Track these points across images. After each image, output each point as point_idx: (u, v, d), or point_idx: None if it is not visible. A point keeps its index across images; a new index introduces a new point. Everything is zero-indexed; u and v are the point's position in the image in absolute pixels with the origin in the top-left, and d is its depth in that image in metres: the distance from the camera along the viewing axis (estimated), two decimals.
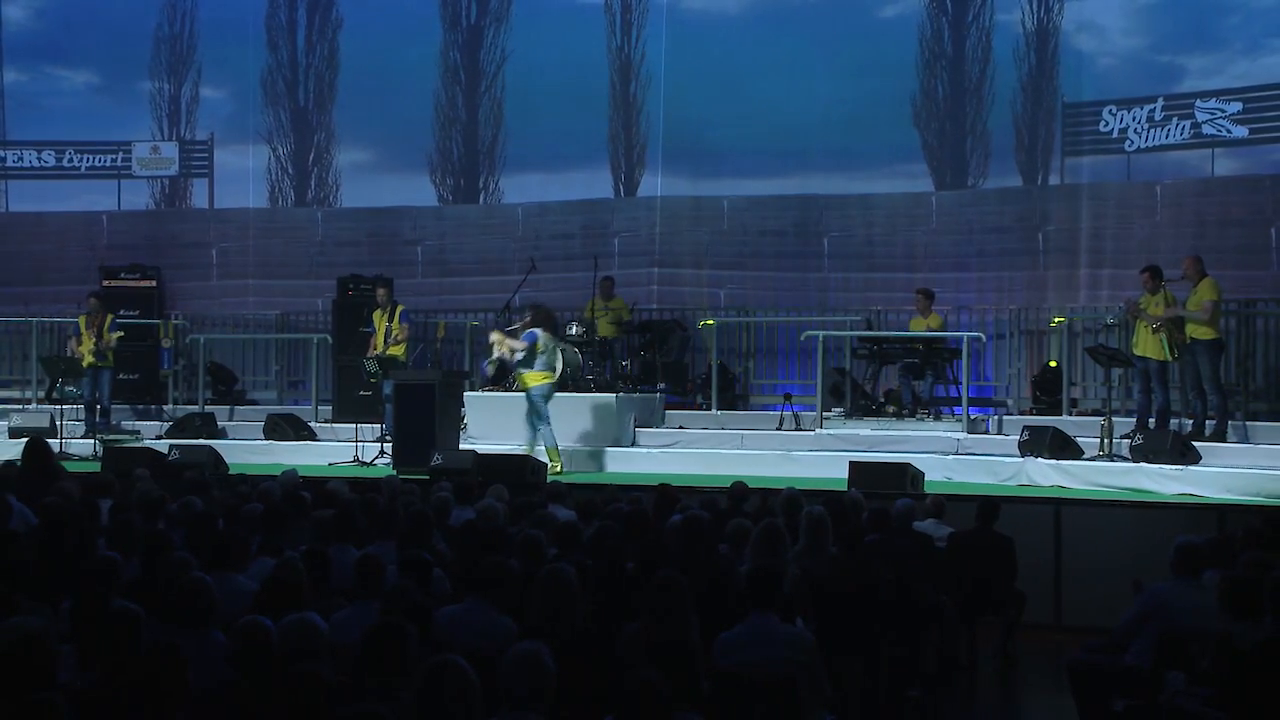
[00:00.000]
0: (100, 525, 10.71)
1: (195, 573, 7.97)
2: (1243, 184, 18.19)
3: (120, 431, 19.18)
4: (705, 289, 20.66)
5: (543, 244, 20.67)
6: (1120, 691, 9.11)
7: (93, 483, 13.36)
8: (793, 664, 7.66)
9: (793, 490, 12.52)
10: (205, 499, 11.76)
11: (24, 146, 23.00)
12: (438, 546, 10.15)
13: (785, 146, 20.28)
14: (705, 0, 21.16)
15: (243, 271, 22.38)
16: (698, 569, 9.03)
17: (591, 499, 12.63)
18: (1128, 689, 9.01)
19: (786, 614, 8.09)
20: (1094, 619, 11.71)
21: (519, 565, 8.72)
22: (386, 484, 13.67)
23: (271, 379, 21.73)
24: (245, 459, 17.24)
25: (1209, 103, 18.35)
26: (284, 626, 6.84)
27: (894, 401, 18.10)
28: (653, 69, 21.22)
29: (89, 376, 18.81)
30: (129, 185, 22.93)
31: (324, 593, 8.37)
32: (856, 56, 20.10)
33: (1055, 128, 19.39)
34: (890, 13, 20.24)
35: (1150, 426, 16.00)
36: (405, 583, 8.30)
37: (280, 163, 22.62)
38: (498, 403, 18.26)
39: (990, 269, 19.46)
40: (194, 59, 22.65)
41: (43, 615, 7.70)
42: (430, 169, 22.16)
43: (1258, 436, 16.27)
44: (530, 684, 5.97)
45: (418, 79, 22.03)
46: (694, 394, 19.68)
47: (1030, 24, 19.52)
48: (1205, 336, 15.79)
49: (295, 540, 10.00)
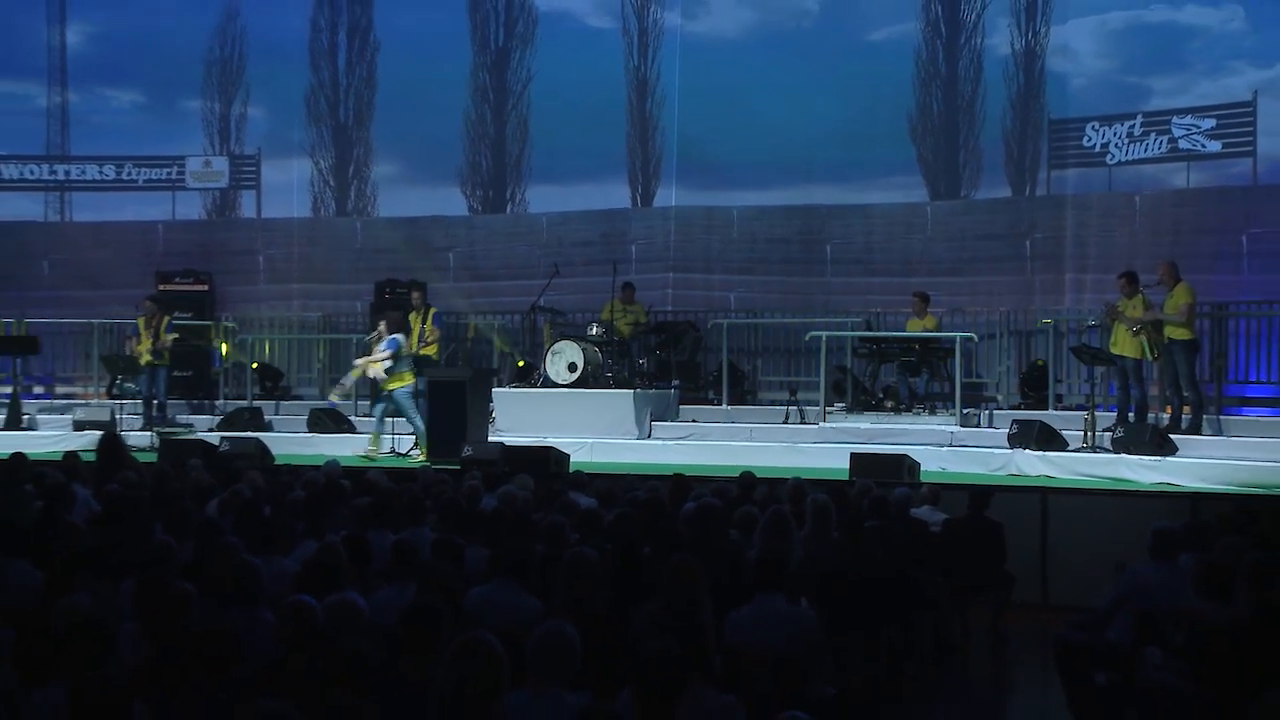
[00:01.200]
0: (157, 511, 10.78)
1: (243, 555, 8.03)
2: (1215, 195, 18.18)
3: (175, 425, 19.21)
4: (716, 292, 20.66)
5: (565, 250, 20.69)
6: (1102, 666, 9.14)
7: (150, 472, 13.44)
8: (797, 641, 7.69)
9: (798, 480, 12.57)
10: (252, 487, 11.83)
11: (85, 161, 23.06)
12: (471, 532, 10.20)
13: (790, 160, 20.28)
14: (715, 25, 21.17)
15: (288, 276, 22.41)
16: (709, 553, 9.07)
17: (611, 487, 12.64)
18: (1109, 664, 9.04)
19: (792, 595, 8.11)
20: (1078, 599, 11.73)
21: (544, 549, 8.77)
22: (421, 473, 13.73)
23: (314, 376, 21.72)
24: (290, 450, 17.24)
25: (1185, 119, 18.35)
26: (328, 606, 6.89)
27: (892, 397, 18.11)
28: (667, 88, 21.23)
29: (146, 374, 18.86)
30: (183, 197, 22.99)
31: (363, 574, 8.41)
32: (856, 76, 20.11)
33: (1042, 143, 19.38)
34: (888, 36, 20.24)
35: (1130, 420, 16.02)
36: (439, 564, 8.35)
37: (322, 175, 22.65)
38: (524, 399, 18.31)
39: (981, 274, 19.46)
40: (243, 80, 22.70)
41: (104, 595, 7.77)
42: (461, 181, 22.19)
43: (1229, 430, 16.27)
44: (555, 659, 6.00)
45: (449, 97, 22.05)
46: (706, 390, 19.70)
47: (1019, 46, 19.52)
48: (1182, 337, 15.81)
49: (336, 525, 10.02)
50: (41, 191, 23.13)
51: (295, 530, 9.74)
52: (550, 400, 18.04)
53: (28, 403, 20.07)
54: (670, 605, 7.50)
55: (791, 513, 10.50)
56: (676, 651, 6.02)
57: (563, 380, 18.08)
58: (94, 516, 10.64)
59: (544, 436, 16.65)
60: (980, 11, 19.74)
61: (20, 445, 16.12)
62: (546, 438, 16.54)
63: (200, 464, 14.11)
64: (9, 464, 13.80)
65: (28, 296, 21.89)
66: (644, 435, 17.73)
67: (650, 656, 5.92)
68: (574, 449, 16.07)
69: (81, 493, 11.66)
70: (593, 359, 18.15)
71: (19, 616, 7.23)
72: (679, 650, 6.10)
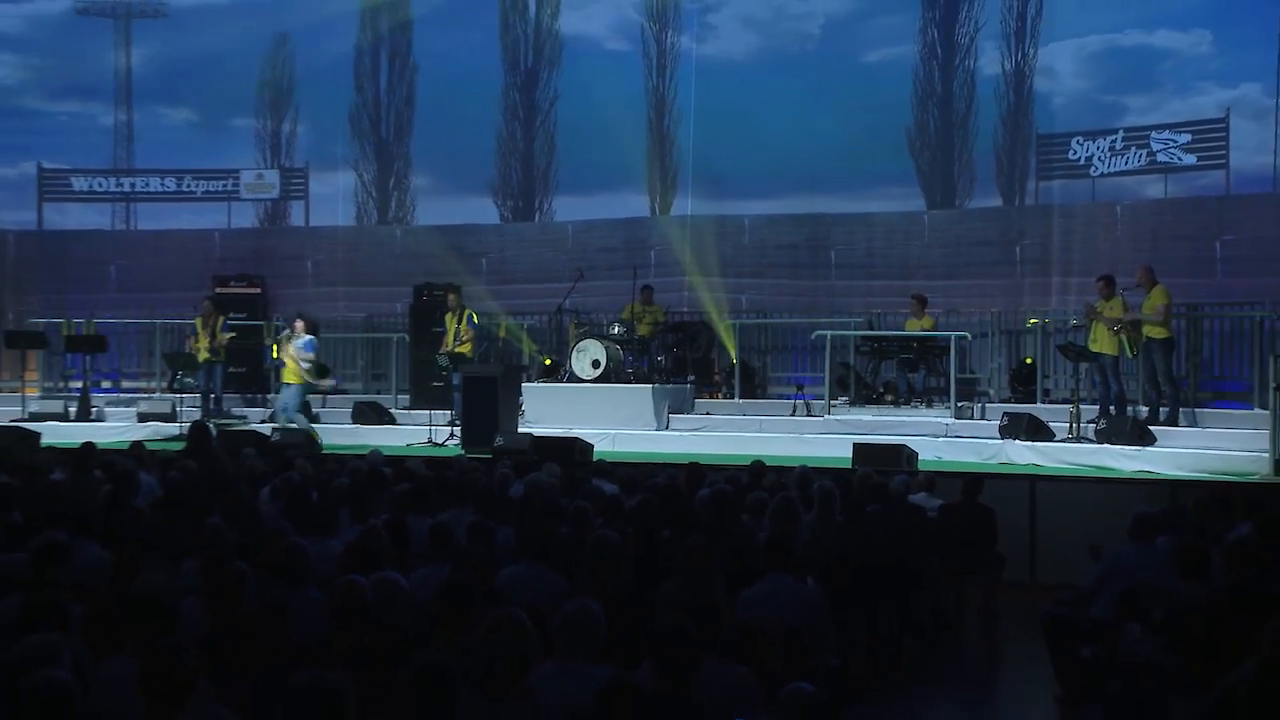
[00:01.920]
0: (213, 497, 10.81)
1: (293, 538, 8.05)
2: (1191, 204, 18.14)
3: (230, 417, 19.30)
4: (729, 295, 20.65)
5: (589, 256, 20.68)
6: (1087, 640, 9.14)
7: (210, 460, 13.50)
8: (804, 617, 7.70)
9: (804, 468, 12.56)
10: (301, 474, 11.85)
11: (148, 174, 23.14)
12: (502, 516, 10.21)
13: (797, 172, 20.30)
14: (726, 48, 21.20)
15: (333, 280, 22.45)
16: (723, 536, 9.07)
17: (632, 475, 12.65)
18: (1093, 638, 9.03)
19: (799, 574, 8.12)
20: (1064, 578, 11.68)
21: (570, 532, 8.78)
22: (456, 461, 13.75)
23: (358, 372, 21.78)
24: (336, 440, 17.29)
25: (1162, 134, 18.31)
26: (371, 584, 6.91)
27: (892, 391, 18.11)
28: (683, 107, 21.26)
29: (204, 370, 18.94)
30: (237, 207, 23.06)
31: (403, 556, 8.41)
32: (858, 95, 20.12)
33: (1030, 156, 19.37)
34: (886, 57, 20.23)
35: (1111, 413, 15.99)
36: (473, 546, 8.37)
37: (365, 187, 22.71)
38: (552, 393, 18.33)
39: (974, 277, 19.43)
40: (292, 99, 22.78)
41: (166, 575, 7.80)
42: (492, 191, 22.24)
43: (1204, 422, 16.24)
44: (580, 634, 6.02)
45: (482, 115, 22.10)
46: (719, 385, 19.71)
47: (1008, 67, 19.52)
48: (1159, 336, 15.80)
49: (378, 510, 10.03)
50: (108, 202, 23.23)
51: (340, 514, 9.78)
52: (575, 394, 18.05)
53: (96, 396, 20.16)
54: (687, 584, 7.53)
55: (799, 498, 10.50)
56: (691, 628, 6.04)
57: (587, 376, 18.10)
58: (156, 501, 10.69)
59: (570, 428, 16.65)
60: (973, 35, 19.74)
61: (89, 435, 16.19)
62: (572, 429, 16.54)
63: (253, 453, 14.16)
64: (80, 452, 13.88)
65: (96, 299, 21.98)
66: (662, 427, 17.73)
67: (667, 632, 5.95)
68: (597, 439, 16.07)
69: (146, 479, 11.72)
70: (614, 356, 18.17)
71: (89, 594, 7.27)
72: (694, 627, 6.13)
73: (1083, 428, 15.87)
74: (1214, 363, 17.67)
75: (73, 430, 18.03)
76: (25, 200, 23.13)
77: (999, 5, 19.52)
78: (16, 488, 11.03)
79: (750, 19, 21.18)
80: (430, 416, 18.06)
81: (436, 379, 18.88)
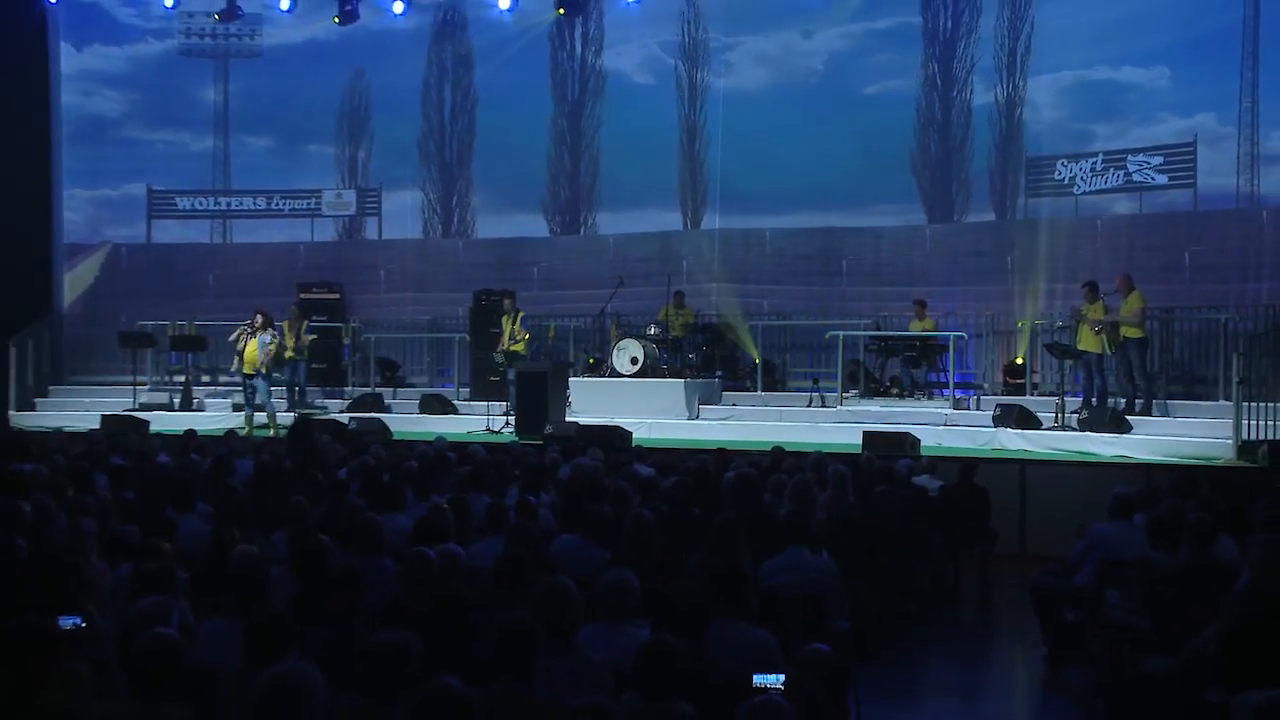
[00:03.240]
0: (298, 477, 10.88)
1: (367, 514, 8.10)
2: (1162, 219, 18.04)
3: (312, 407, 19.41)
4: (752, 299, 20.64)
5: (628, 265, 20.66)
6: (1070, 605, 9.12)
7: None
8: (819, 585, 7.71)
9: (820, 453, 12.57)
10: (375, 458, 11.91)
11: (242, 194, 23.27)
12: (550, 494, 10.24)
13: (813, 191, 20.22)
14: (749, 82, 21.11)
15: (403, 286, 22.51)
16: (747, 513, 9.09)
17: (667, 459, 12.70)
18: (1076, 603, 9.03)
19: (815, 547, 8.12)
20: (1050, 550, 11.69)
21: (611, 510, 8.80)
22: (511, 446, 13.79)
23: (424, 367, 21.84)
24: (404, 428, 17.39)
25: (1137, 157, 18.21)
26: (437, 555, 6.95)
27: (897, 385, 18.09)
28: (711, 133, 21.20)
29: (290, 366, 19.04)
30: (319, 222, 23.15)
31: (464, 530, 8.46)
32: (867, 122, 20.02)
33: (1020, 176, 19.27)
34: (888, 89, 20.15)
35: (1093, 404, 15.95)
36: (524, 522, 8.39)
37: (430, 204, 22.75)
38: (595, 386, 18.37)
39: (971, 284, 19.36)
40: (367, 127, 22.83)
41: (258, 545, 7.87)
42: (543, 208, 22.24)
43: (1175, 412, 16.18)
44: (619, 600, 6.05)
45: (534, 140, 22.09)
46: (744, 379, 19.71)
47: (1000, 98, 19.42)
48: (1135, 336, 15.78)
49: (442, 489, 10.10)
50: (207, 219, 23.36)
51: (408, 493, 9.83)
52: (616, 388, 18.10)
53: (197, 389, 20.34)
54: (715, 555, 7.54)
55: (814, 480, 10.51)
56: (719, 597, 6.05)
57: (627, 371, 18.14)
58: (249, 480, 10.77)
59: (611, 417, 16.70)
60: (969, 70, 19.65)
61: (191, 423, 16.39)
62: (613, 418, 16.58)
63: (332, 439, 14.24)
64: (183, 438, 14.03)
65: (197, 304, 22.14)
66: (693, 416, 17.77)
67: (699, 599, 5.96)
68: (636, 427, 16.14)
69: (241, 462, 11.82)
70: (651, 354, 18.21)
71: (192, 562, 7.35)
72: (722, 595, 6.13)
73: (1067, 417, 15.84)
74: (1184, 360, 17.57)
75: (176, 419, 18.23)
76: (136, 218, 23.29)
77: (991, 43, 19.42)
78: (129, 469, 11.18)
79: (762, 56, 21.11)
80: (488, 407, 18.14)
81: (493, 374, 18.93)
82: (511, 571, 6.60)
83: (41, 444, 13.69)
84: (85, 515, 8.43)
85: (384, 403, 19.42)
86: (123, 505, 9.36)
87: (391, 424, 17.24)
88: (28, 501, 8.60)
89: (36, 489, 9.58)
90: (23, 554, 7.24)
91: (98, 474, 10.76)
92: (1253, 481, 12.27)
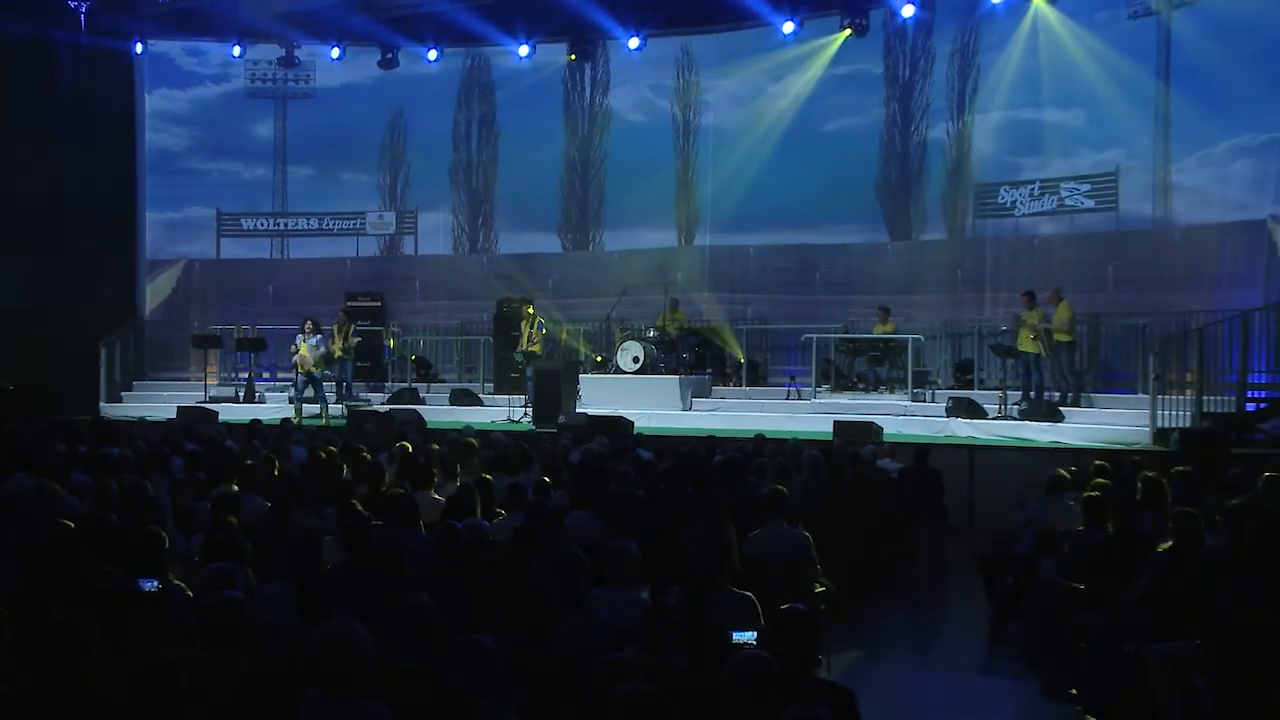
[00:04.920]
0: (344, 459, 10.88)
1: (405, 492, 8.10)
2: (1090, 238, 18.04)
3: (358, 399, 19.43)
4: (737, 307, 20.66)
5: (630, 277, 20.66)
6: (1011, 571, 9.15)
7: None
8: (796, 554, 7.73)
9: (796, 440, 12.60)
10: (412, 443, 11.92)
11: (297, 216, 23.28)
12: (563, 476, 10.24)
13: (790, 213, 20.20)
14: (735, 121, 21.09)
15: (436, 295, 22.52)
16: (733, 492, 9.11)
17: (664, 444, 12.73)
18: (1016, 570, 9.05)
19: (791, 521, 8.15)
20: (995, 524, 11.72)
21: (616, 488, 8.81)
22: (529, 434, 13.79)
23: (454, 365, 21.87)
24: (437, 418, 17.41)
25: (1069, 184, 18.22)
26: (464, 528, 6.95)
27: (863, 381, 18.11)
28: (703, 162, 21.22)
29: (338, 364, 19.06)
30: (364, 240, 23.15)
31: (488, 506, 8.47)
32: (838, 153, 20.03)
33: (969, 200, 19.28)
34: (845, 125, 20.13)
35: (1031, 398, 15.97)
36: (539, 499, 8.39)
37: (459, 224, 22.77)
38: (602, 382, 18.41)
39: (927, 293, 19.36)
40: (405, 158, 22.85)
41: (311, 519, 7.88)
42: (557, 228, 22.25)
43: (1100, 405, 16.23)
44: (623, 567, 6.06)
45: (549, 169, 22.10)
46: (731, 376, 19.73)
47: (951, 132, 19.44)
48: (1065, 339, 15.88)
49: (469, 471, 10.11)
50: (267, 238, 23.37)
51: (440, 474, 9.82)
52: (620, 383, 18.13)
53: (258, 384, 20.35)
54: (706, 529, 7.55)
55: (791, 463, 10.53)
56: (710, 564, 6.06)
57: (629, 369, 18.16)
58: (303, 463, 10.78)
59: (616, 408, 16.72)
60: (925, 109, 19.66)
61: (254, 413, 16.40)
62: (618, 409, 16.61)
63: (374, 428, 14.25)
64: (247, 427, 14.04)
65: (258, 311, 22.14)
66: (686, 408, 17.80)
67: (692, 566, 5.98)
68: (637, 417, 16.16)
69: (296, 449, 11.80)
70: (650, 354, 18.24)
71: (254, 533, 7.36)
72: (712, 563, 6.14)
73: (1009, 409, 15.86)
74: (1109, 359, 17.60)
75: (241, 410, 18.24)
76: (207, 236, 23.30)
77: (943, 86, 19.42)
78: (200, 453, 11.18)
79: (736, 97, 21.10)
80: (509, 400, 18.17)
81: (514, 371, 18.96)
82: (529, 542, 6.61)
83: (127, 431, 13.75)
84: (163, 493, 8.45)
85: (419, 396, 19.44)
86: (195, 484, 9.38)
87: (425, 414, 17.26)
88: (115, 480, 8.63)
89: (123, 470, 9.63)
90: (114, 525, 7.27)
91: (174, 457, 10.80)
92: (1167, 463, 12.29)
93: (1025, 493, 10.66)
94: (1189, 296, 16.40)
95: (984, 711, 7.76)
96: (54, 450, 10.85)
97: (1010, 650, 8.80)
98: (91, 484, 8.89)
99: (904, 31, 19.70)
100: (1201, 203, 16.73)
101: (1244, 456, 12.19)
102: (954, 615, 10.73)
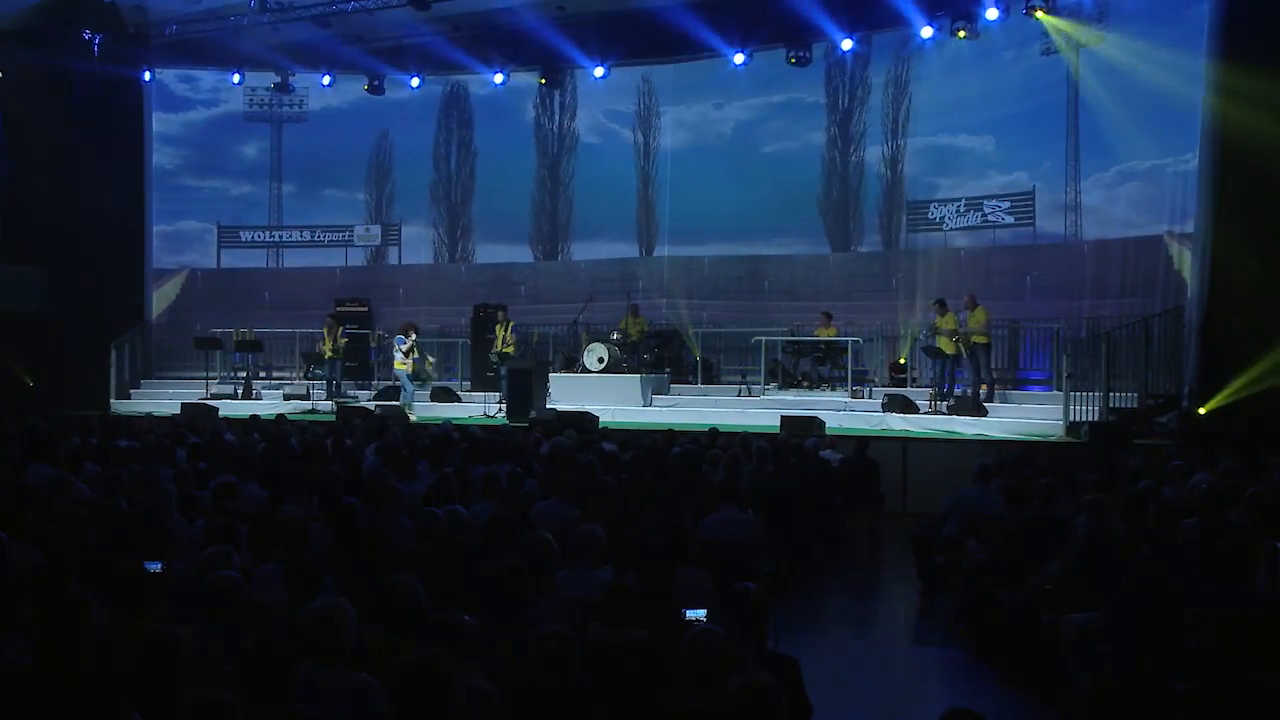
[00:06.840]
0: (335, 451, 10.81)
1: (389, 480, 8.07)
2: (1010, 250, 18.19)
3: (347, 396, 19.32)
4: (693, 311, 20.68)
5: (595, 284, 20.66)
6: (940, 551, 9.21)
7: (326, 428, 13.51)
8: (746, 537, 7.75)
9: (746, 433, 12.63)
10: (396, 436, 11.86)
11: (291, 228, 23.09)
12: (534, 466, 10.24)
13: (741, 226, 20.25)
14: (690, 142, 21.10)
15: (417, 300, 22.35)
16: (690, 480, 9.12)
17: (626, 438, 12.72)
18: (944, 549, 9.11)
19: (743, 507, 8.17)
20: (926, 508, 11.79)
21: (581, 478, 8.81)
22: (503, 428, 13.76)
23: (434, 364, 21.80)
24: (420, 413, 17.35)
25: (991, 202, 18.36)
26: (444, 514, 6.93)
27: (808, 379, 18.17)
28: (662, 179, 21.23)
29: (329, 364, 18.98)
30: (352, 251, 22.99)
31: (465, 494, 8.47)
32: (784, 173, 20.10)
33: (903, 216, 19.39)
34: (803, 148, 20.20)
35: (957, 394, 16.09)
36: (512, 488, 8.38)
37: (439, 236, 22.65)
38: (570, 380, 18.38)
39: (865, 299, 19.45)
40: (390, 175, 22.73)
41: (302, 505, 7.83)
42: (529, 239, 22.18)
43: (1018, 400, 16.40)
44: (588, 549, 6.06)
45: (521, 186, 22.04)
46: (687, 375, 19.74)
47: (887, 154, 19.55)
48: (982, 341, 16.02)
49: (448, 462, 10.09)
50: (264, 249, 23.17)
51: (421, 465, 9.79)
52: (587, 381, 18.12)
53: (255, 382, 20.19)
54: (664, 514, 7.56)
55: (742, 454, 10.56)
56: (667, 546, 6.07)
57: (595, 368, 18.15)
58: (296, 455, 10.71)
59: (582, 405, 16.73)
60: (862, 132, 19.77)
61: (251, 410, 16.25)
62: (584, 405, 16.61)
63: (362, 422, 14.18)
64: (246, 421, 13.92)
65: (255, 315, 21.95)
66: (647, 404, 17.81)
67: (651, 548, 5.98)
68: (602, 413, 16.17)
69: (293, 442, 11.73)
70: (614, 355, 18.24)
71: (250, 518, 7.31)
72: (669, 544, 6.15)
73: (939, 405, 15.96)
74: (1025, 359, 17.77)
75: (239, 406, 18.08)
76: (198, 248, 23.08)
77: (879, 113, 19.54)
78: (202, 445, 11.09)
79: (682, 122, 21.12)
80: (485, 397, 18.12)
81: (490, 370, 18.90)
82: (502, 527, 6.60)
83: (135, 426, 13.63)
84: (168, 481, 8.39)
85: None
86: (197, 473, 9.30)
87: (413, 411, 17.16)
88: (124, 470, 8.56)
89: (132, 460, 9.54)
90: (123, 511, 7.22)
91: (178, 449, 10.71)
92: (1078, 453, 12.43)
93: (954, 480, 10.74)
94: (1097, 304, 16.60)
95: (915, 677, 7.81)
96: (69, 443, 10.77)
97: (939, 622, 8.86)
98: (102, 473, 8.82)
99: (843, 63, 19.79)
100: (1104, 220, 16.95)
101: (1144, 447, 12.37)
102: (888, 590, 10.79)
